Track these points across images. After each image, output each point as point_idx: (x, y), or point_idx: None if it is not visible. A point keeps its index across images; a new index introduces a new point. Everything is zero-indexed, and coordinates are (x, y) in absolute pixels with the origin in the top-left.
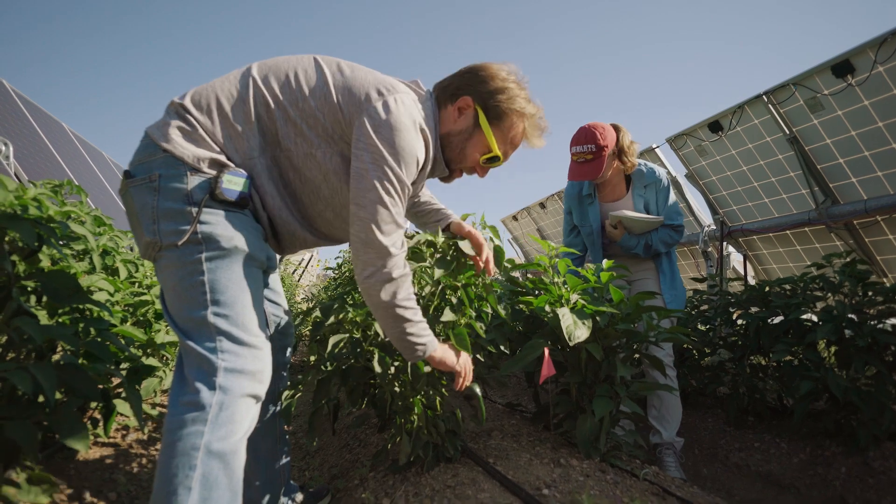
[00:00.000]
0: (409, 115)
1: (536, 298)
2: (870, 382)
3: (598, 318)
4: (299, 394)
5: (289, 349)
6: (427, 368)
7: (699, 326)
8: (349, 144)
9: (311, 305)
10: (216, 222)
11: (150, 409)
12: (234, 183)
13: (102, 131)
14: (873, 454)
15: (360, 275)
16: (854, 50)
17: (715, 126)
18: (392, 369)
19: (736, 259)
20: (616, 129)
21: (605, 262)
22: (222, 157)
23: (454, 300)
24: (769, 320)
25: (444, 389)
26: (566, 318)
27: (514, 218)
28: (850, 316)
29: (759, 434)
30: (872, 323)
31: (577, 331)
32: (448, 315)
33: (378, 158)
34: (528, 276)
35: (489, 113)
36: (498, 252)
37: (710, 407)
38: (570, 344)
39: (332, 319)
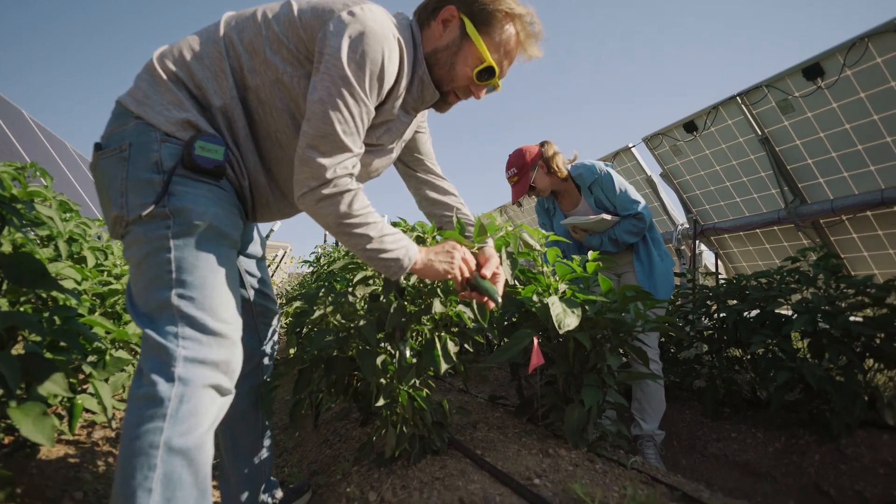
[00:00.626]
0: (376, 20)
1: (524, 288)
2: (842, 372)
3: (586, 307)
4: (278, 385)
5: (273, 340)
6: (415, 359)
7: (676, 321)
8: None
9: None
10: (186, 193)
11: (119, 405)
12: (208, 150)
13: (66, 122)
14: (845, 442)
15: (295, 194)
16: (824, 54)
17: (690, 126)
18: (378, 362)
19: (708, 257)
20: (542, 144)
21: (591, 254)
22: (199, 120)
23: (440, 292)
24: (746, 313)
25: (430, 381)
26: (556, 306)
27: (502, 212)
28: (824, 307)
29: (736, 425)
30: (845, 314)
31: (566, 319)
32: (438, 307)
33: (332, 67)
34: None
35: (475, 19)
36: (512, 261)
37: (687, 400)
38: (560, 332)
39: (318, 313)
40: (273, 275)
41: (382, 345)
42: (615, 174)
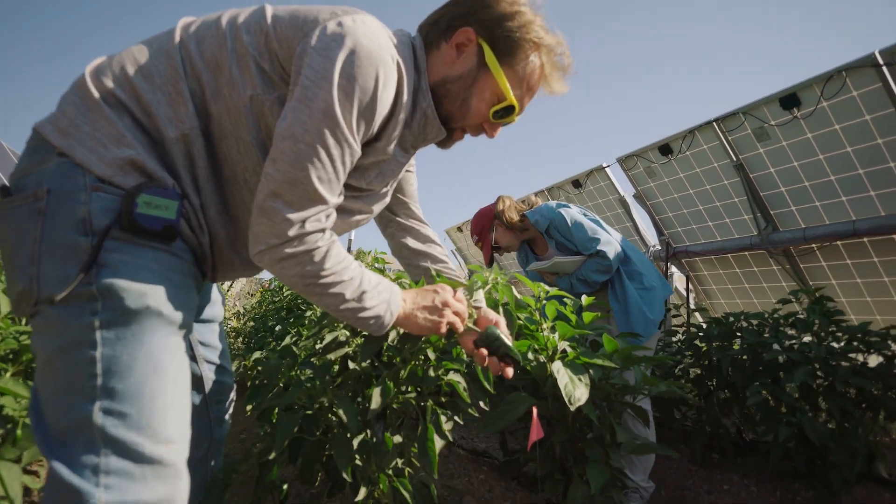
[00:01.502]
0: (371, 36)
1: (516, 342)
2: (839, 425)
3: (590, 370)
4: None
5: (226, 423)
6: (397, 438)
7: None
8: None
9: (241, 324)
10: (122, 265)
11: (31, 481)
12: (156, 206)
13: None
14: (846, 499)
15: (251, 249)
16: (801, 84)
17: (665, 149)
18: (356, 444)
19: (678, 279)
20: (496, 201)
21: (585, 300)
22: (146, 159)
23: (431, 353)
24: (741, 357)
25: (413, 459)
26: (562, 375)
27: (459, 229)
28: (824, 357)
29: (727, 474)
30: (845, 365)
31: (576, 391)
32: (430, 374)
33: (311, 93)
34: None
35: (497, 47)
36: (510, 319)
37: (672, 441)
38: (571, 408)
39: (284, 391)
40: (230, 286)
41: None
42: (570, 213)
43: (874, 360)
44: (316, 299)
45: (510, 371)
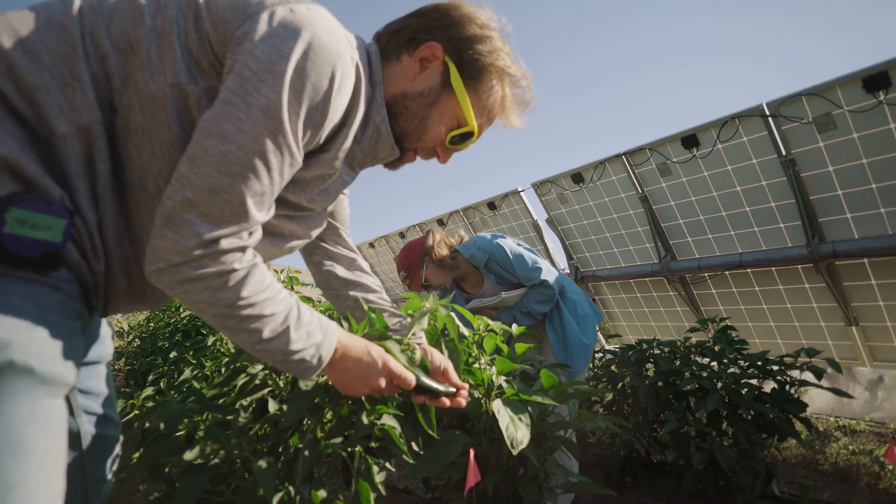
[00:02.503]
0: (328, 29)
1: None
2: (745, 448)
3: (529, 407)
4: None
5: (109, 483)
6: (322, 492)
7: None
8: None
9: (125, 343)
10: None
11: None
12: (33, 225)
13: None
14: None
15: (148, 266)
16: (700, 126)
17: (577, 177)
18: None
19: None
20: (426, 235)
21: (516, 329)
22: (23, 160)
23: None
24: (657, 384)
25: None
26: (503, 415)
27: (371, 245)
28: (732, 386)
29: (640, 497)
30: (751, 393)
31: (518, 433)
32: (364, 420)
33: (251, 86)
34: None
35: (464, 69)
36: (455, 354)
37: (587, 465)
38: (514, 452)
39: (189, 454)
40: None
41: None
42: (508, 244)
43: (768, 385)
44: (229, 334)
45: (447, 402)
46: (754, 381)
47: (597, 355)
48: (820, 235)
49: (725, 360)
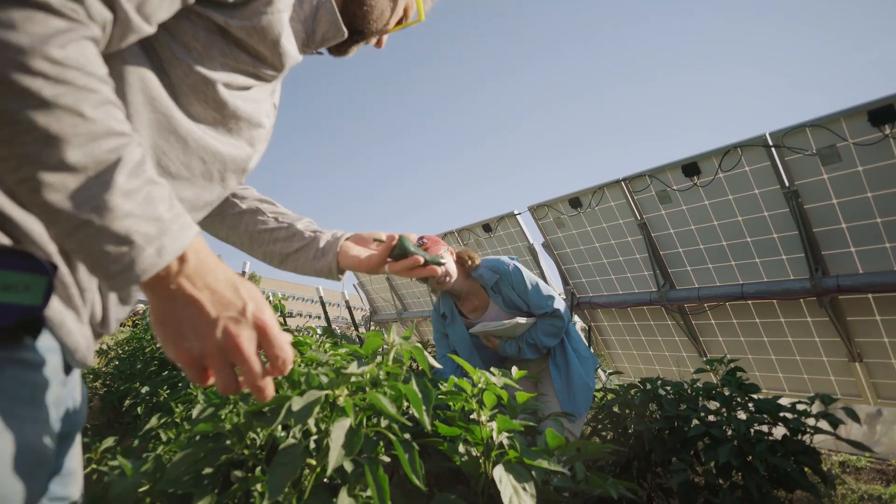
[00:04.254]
0: None
1: (448, 427)
2: (755, 501)
3: (533, 472)
4: None
5: None
6: None
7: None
8: None
9: (104, 363)
10: None
11: None
12: (4, 287)
13: None
14: None
15: None
16: (702, 155)
17: (575, 202)
18: None
19: (580, 328)
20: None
21: (517, 372)
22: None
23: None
24: (665, 432)
25: None
26: (506, 485)
27: None
28: (744, 434)
29: None
30: (764, 444)
31: None
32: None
33: None
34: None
35: None
36: (427, 392)
37: None
38: None
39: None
40: None
41: None
42: (524, 268)
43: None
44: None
45: (439, 270)
46: (764, 427)
47: (597, 394)
48: (823, 268)
49: (734, 402)
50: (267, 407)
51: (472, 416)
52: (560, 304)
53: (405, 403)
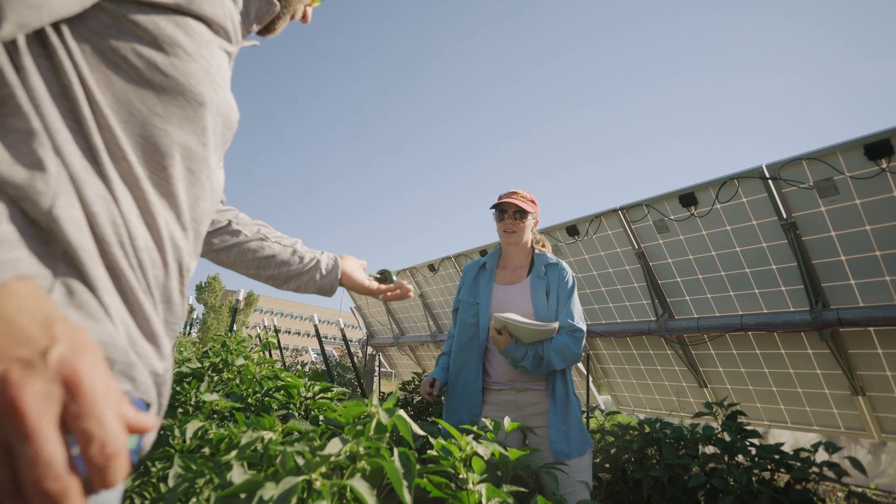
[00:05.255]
0: None
1: (435, 488)
2: None
3: None
4: None
5: None
6: None
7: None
8: None
9: None
10: None
11: None
12: None
13: None
14: None
15: None
16: (699, 185)
17: (572, 230)
18: None
19: None
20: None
21: (508, 425)
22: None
23: None
24: (665, 480)
25: None
26: None
27: None
28: (746, 484)
29: None
30: (766, 494)
31: None
32: None
33: None
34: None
35: None
36: (409, 467)
37: None
38: None
39: None
40: None
41: None
42: None
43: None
44: None
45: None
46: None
47: (595, 435)
48: (823, 301)
49: (733, 449)
50: (241, 491)
51: (460, 476)
52: (584, 327)
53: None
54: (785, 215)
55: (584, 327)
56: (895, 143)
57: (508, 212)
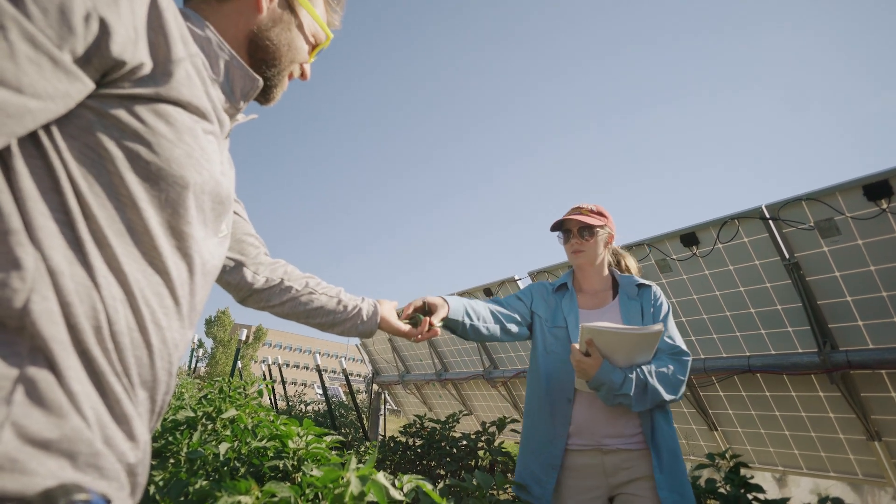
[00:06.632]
0: None
1: None
2: None
3: None
4: None
5: None
6: None
7: None
8: None
9: None
10: None
11: None
12: None
13: None
14: None
15: None
16: (700, 225)
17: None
18: None
19: None
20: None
21: None
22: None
23: None
24: None
25: None
26: None
27: None
28: None
29: None
30: None
31: None
32: None
33: None
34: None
35: None
36: None
37: None
38: None
39: None
40: None
41: None
42: None
43: None
44: None
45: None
46: None
47: None
48: (832, 342)
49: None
50: None
51: None
52: (687, 350)
53: None
54: (787, 255)
55: (684, 347)
56: (894, 185)
57: (573, 230)
